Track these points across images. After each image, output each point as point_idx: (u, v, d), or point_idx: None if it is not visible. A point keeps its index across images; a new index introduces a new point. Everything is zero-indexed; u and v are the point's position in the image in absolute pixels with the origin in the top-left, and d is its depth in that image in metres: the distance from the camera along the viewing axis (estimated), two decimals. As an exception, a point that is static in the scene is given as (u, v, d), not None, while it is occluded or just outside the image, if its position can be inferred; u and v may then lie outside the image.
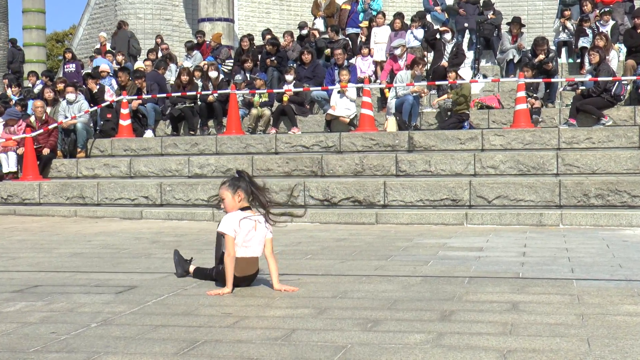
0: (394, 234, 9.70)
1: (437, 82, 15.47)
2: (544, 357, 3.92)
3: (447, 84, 15.04)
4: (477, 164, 12.00)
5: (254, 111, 16.23)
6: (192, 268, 6.51)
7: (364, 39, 20.38)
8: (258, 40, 22.61)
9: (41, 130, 15.32)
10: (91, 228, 11.03)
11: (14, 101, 18.64)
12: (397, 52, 17.31)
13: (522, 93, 13.86)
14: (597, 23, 18.50)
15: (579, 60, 18.51)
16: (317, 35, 20.46)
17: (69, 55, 23.51)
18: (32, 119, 15.85)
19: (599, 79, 14.01)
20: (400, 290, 5.83)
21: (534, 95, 14.85)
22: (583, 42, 18.20)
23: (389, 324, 4.71)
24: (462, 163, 12.07)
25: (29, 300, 5.65)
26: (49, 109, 16.67)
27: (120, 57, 21.93)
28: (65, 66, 23.53)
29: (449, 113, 14.85)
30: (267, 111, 16.21)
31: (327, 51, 18.72)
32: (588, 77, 14.76)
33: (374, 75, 18.34)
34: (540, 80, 14.97)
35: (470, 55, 19.42)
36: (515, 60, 18.28)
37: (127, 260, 7.71)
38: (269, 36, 20.43)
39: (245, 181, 5.98)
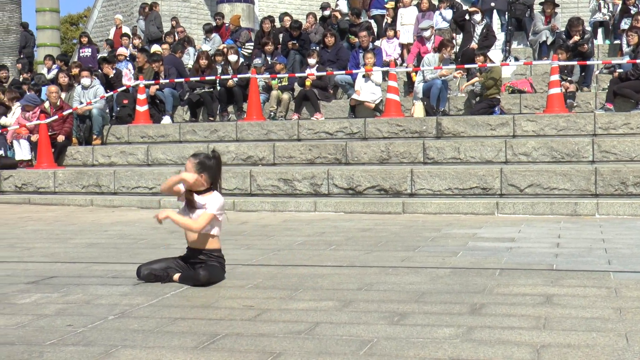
0: (421, 223, 9.68)
1: (466, 66, 15.39)
2: (580, 352, 3.90)
3: (477, 67, 14.95)
4: (509, 151, 11.94)
5: (273, 93, 16.21)
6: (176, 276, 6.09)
7: (389, 20, 20.29)
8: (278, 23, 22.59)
9: (56, 117, 15.41)
10: (107, 217, 11.10)
11: (27, 87, 18.75)
12: (426, 34, 17.22)
13: (556, 76, 13.75)
14: (638, 2, 18.27)
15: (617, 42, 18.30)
16: (339, 17, 20.40)
17: (84, 40, 23.62)
18: (47, 104, 15.94)
19: (638, 61, 13.87)
20: (428, 282, 5.82)
21: (569, 78, 14.72)
22: (626, 24, 17.97)
23: (417, 318, 4.70)
24: (492, 150, 12.01)
25: (44, 291, 5.70)
26: (63, 95, 16.76)
27: (137, 41, 21.99)
28: (80, 50, 23.64)
29: (478, 98, 14.77)
30: (285, 95, 16.19)
31: (352, 38, 18.62)
32: (626, 59, 14.62)
33: (400, 59, 18.27)
34: (575, 62, 14.84)
35: (501, 37, 19.29)
36: (549, 42, 18.11)
37: (145, 250, 7.75)
38: (287, 17, 20.40)
39: (214, 168, 5.94)
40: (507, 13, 19.64)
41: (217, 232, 6.03)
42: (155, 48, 20.44)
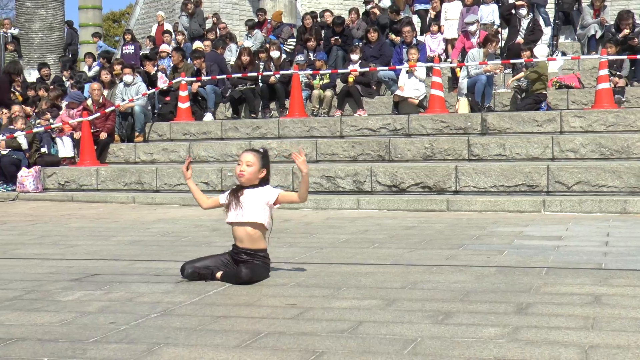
0: (466, 221, 9.63)
1: (512, 61, 15.27)
2: (629, 353, 3.85)
3: (523, 62, 14.82)
4: (556, 148, 11.82)
5: (315, 92, 16.24)
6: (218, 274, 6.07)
7: (433, 15, 20.19)
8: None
9: (98, 114, 15.59)
10: (150, 215, 11.20)
11: (68, 85, 19.01)
12: (471, 28, 17.11)
13: (605, 71, 13.58)
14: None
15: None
16: (378, 13, 20.34)
17: (128, 37, 23.88)
18: (89, 102, 16.14)
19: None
20: (473, 281, 5.79)
21: (618, 73, 14.54)
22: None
23: (462, 317, 4.68)
24: (539, 146, 11.91)
25: (87, 289, 5.77)
26: (105, 92, 16.95)
27: (180, 37, 22.15)
28: (123, 47, 23.89)
29: (524, 93, 14.65)
30: (328, 92, 16.21)
31: (392, 36, 18.51)
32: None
33: (444, 54, 18.18)
34: (624, 57, 14.65)
35: (548, 31, 19.09)
36: (598, 36, 17.90)
37: (187, 248, 7.81)
38: (328, 13, 20.39)
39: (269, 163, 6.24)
40: (554, 6, 19.44)
41: (269, 227, 6.06)
42: (196, 45, 20.57)
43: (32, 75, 24.18)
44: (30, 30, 30.07)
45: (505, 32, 18.19)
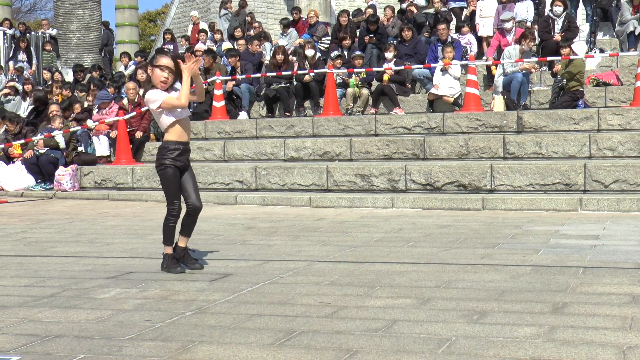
0: (501, 220, 9.57)
1: (548, 58, 15.14)
2: (667, 354, 3.81)
3: (560, 59, 14.69)
4: (593, 146, 11.71)
5: (349, 90, 16.23)
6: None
7: (468, 13, 20.07)
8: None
9: (134, 113, 15.71)
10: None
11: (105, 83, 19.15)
12: (507, 25, 17.00)
13: (643, 68, 13.42)
14: None
15: None
16: (415, 11, 20.27)
17: (168, 36, 24.08)
18: (125, 101, 16.26)
19: None
20: (509, 280, 5.75)
21: (657, 70, 14.35)
22: None
23: (497, 316, 4.65)
24: (575, 144, 11.80)
25: (123, 286, 5.82)
26: (141, 91, 17.05)
27: (218, 36, 22.24)
28: (163, 47, 24.06)
29: (561, 91, 14.52)
30: (365, 90, 16.19)
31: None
32: None
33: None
34: (663, 53, 14.46)
35: (585, 28, 18.91)
36: (637, 33, 17.68)
37: (222, 246, 7.85)
38: (369, 10, 20.35)
39: None
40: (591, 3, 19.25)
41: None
42: (226, 45, 20.66)
43: (69, 75, 24.43)
44: (68, 30, 30.40)
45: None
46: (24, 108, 19.31)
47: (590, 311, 4.73)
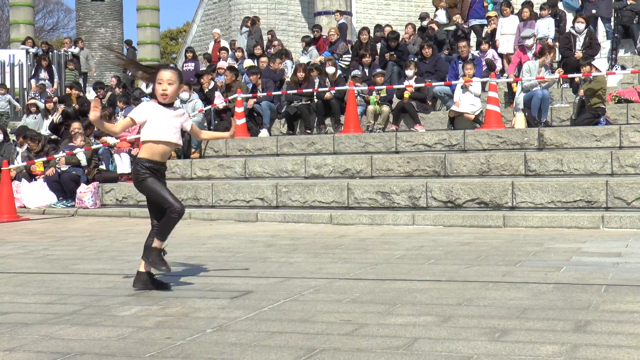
0: (522, 237, 9.53)
1: (569, 75, 15.10)
2: (692, 373, 3.77)
3: (581, 77, 14.66)
4: (615, 163, 11.65)
5: (370, 107, 16.26)
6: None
7: (489, 31, 20.07)
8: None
9: (155, 131, 15.77)
10: (205, 231, 11.29)
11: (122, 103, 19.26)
12: (528, 42, 16.99)
13: (666, 85, 13.37)
14: None
15: None
16: (436, 28, 20.30)
17: (189, 55, 24.18)
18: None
19: None
20: (531, 298, 5.72)
21: (679, 87, 14.29)
22: None
23: (518, 334, 4.63)
24: (597, 162, 11.74)
25: (144, 304, 5.84)
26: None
27: (239, 54, 22.34)
28: (184, 65, 24.19)
29: (582, 108, 14.47)
30: (385, 108, 16.21)
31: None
32: None
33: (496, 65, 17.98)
34: (685, 70, 14.40)
35: (607, 44, 18.86)
36: (659, 49, 17.64)
37: (243, 264, 7.85)
38: (388, 27, 20.40)
39: None
40: (612, 20, 19.19)
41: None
42: (246, 63, 20.75)
43: (91, 94, 24.60)
44: (90, 48, 30.66)
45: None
46: (45, 126, 19.47)
47: (613, 329, 4.70)
